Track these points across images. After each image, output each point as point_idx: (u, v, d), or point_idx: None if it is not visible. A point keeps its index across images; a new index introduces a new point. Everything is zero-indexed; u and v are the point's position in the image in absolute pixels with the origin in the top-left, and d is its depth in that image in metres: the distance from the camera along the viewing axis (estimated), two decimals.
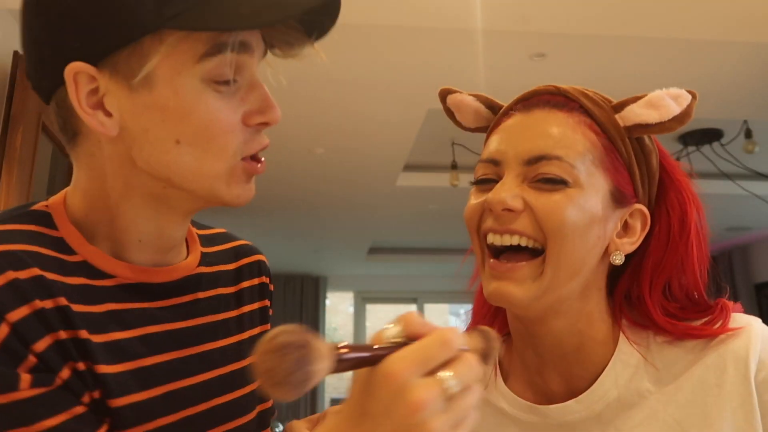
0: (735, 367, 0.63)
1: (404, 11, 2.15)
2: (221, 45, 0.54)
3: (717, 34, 2.30)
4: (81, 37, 0.54)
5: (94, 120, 0.56)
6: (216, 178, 0.58)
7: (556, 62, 2.51)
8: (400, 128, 3.23)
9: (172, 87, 0.55)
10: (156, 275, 0.63)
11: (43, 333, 0.51)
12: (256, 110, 0.59)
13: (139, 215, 0.60)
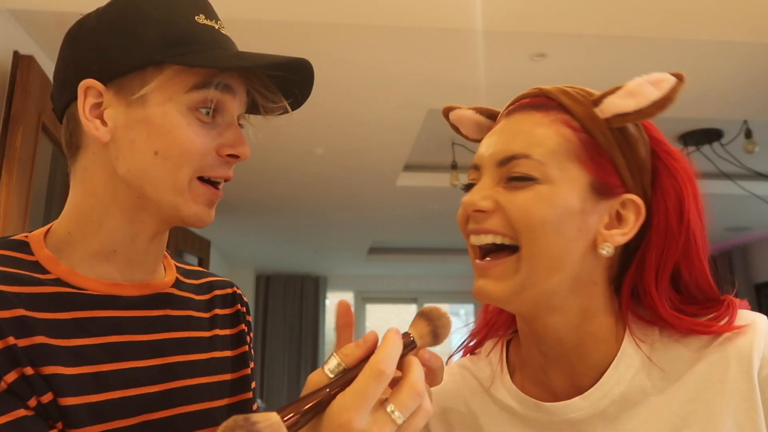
0: (738, 363, 0.63)
1: (404, 11, 2.15)
2: (207, 82, 0.67)
3: (717, 34, 2.30)
4: (100, 62, 0.67)
5: (92, 125, 0.67)
6: (179, 192, 0.67)
7: (556, 62, 2.51)
8: (400, 128, 3.23)
9: (161, 108, 0.66)
10: (127, 289, 0.70)
11: None
12: (229, 144, 0.69)
13: (117, 226, 0.69)
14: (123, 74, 0.66)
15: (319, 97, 0.76)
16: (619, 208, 0.65)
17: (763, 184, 4.03)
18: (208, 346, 0.76)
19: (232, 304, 0.85)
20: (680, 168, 0.67)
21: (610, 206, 0.65)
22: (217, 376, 0.76)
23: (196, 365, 0.73)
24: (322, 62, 2.44)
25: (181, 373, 0.71)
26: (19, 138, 1.98)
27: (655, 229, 0.66)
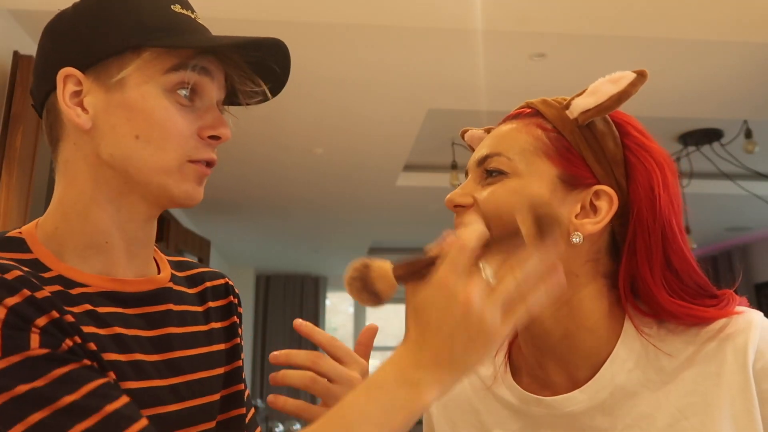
0: (734, 356, 0.64)
1: (404, 11, 2.15)
2: (184, 64, 0.67)
3: (717, 34, 2.30)
4: (78, 50, 0.67)
5: (72, 112, 0.67)
6: (167, 173, 0.67)
7: (556, 62, 2.51)
8: (400, 128, 3.23)
9: (140, 91, 0.67)
10: (128, 285, 0.70)
11: (39, 314, 0.57)
12: (209, 125, 0.70)
13: (105, 214, 0.69)
14: (101, 60, 0.67)
15: (319, 96, 0.77)
16: (593, 199, 0.68)
17: (763, 184, 4.03)
18: (206, 340, 0.77)
19: (225, 295, 0.84)
20: (649, 157, 0.69)
21: (581, 197, 0.68)
22: (216, 370, 0.76)
23: (197, 360, 0.74)
24: (323, 62, 2.44)
25: (186, 368, 0.71)
26: (19, 138, 1.99)
27: (636, 219, 0.68)
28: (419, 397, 0.55)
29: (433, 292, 0.56)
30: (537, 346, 0.72)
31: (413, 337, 0.57)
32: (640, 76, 0.67)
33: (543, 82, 2.66)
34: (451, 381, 0.56)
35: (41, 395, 0.53)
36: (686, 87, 2.77)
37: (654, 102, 2.85)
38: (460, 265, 0.55)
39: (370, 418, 0.55)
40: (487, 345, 0.55)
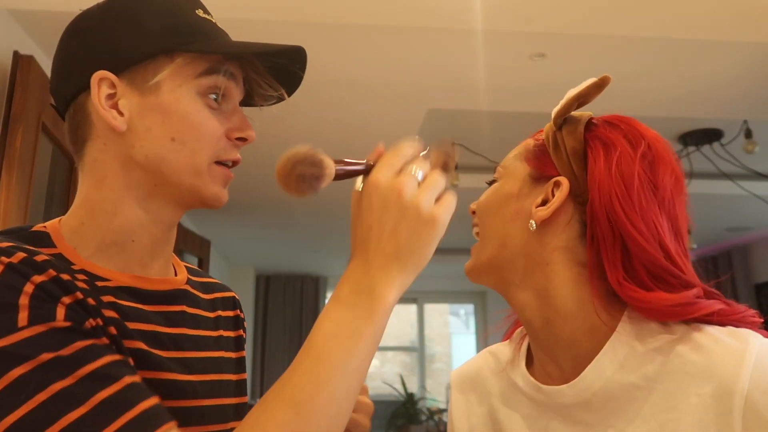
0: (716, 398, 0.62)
1: (404, 11, 2.15)
2: (216, 69, 0.70)
3: (717, 34, 2.30)
4: (110, 53, 0.68)
5: (109, 115, 0.67)
6: (197, 175, 0.69)
7: (556, 62, 2.51)
8: (400, 128, 3.23)
9: (174, 95, 0.68)
10: (148, 283, 0.71)
11: (65, 293, 0.58)
12: (236, 128, 0.72)
13: (133, 214, 0.70)
14: (135, 64, 0.68)
15: (319, 96, 0.78)
16: (553, 189, 0.73)
17: (763, 184, 4.03)
18: (215, 345, 0.78)
19: (233, 307, 0.86)
20: (598, 140, 0.73)
21: (544, 190, 0.74)
22: (225, 375, 0.77)
23: (207, 362, 0.75)
24: (323, 62, 2.44)
25: (198, 368, 0.73)
26: (19, 138, 1.99)
27: (589, 205, 0.71)
28: (378, 302, 0.58)
29: (368, 193, 0.62)
30: (530, 336, 0.77)
31: (358, 247, 0.62)
32: (600, 80, 0.73)
33: (543, 82, 2.66)
34: (405, 276, 0.60)
35: (65, 364, 0.54)
36: (686, 87, 2.77)
37: (654, 102, 2.85)
38: (392, 166, 0.61)
39: (339, 336, 0.57)
40: (431, 230, 0.60)
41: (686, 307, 0.66)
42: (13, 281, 0.56)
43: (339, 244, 6.14)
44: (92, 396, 0.53)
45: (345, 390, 0.56)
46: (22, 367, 0.52)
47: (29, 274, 0.57)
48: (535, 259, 0.73)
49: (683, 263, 0.69)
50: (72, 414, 0.51)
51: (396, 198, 0.60)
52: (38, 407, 0.51)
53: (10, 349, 0.52)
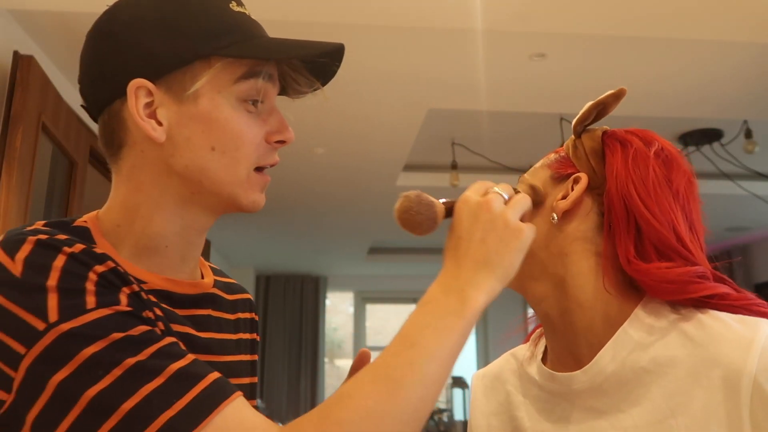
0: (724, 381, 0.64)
1: (404, 11, 2.15)
2: (254, 72, 0.68)
3: (717, 34, 2.30)
4: (146, 59, 0.66)
5: (148, 126, 0.66)
6: (237, 183, 0.69)
7: (556, 62, 2.51)
8: (400, 128, 3.23)
9: (213, 103, 0.66)
10: (179, 286, 0.71)
11: (124, 284, 0.61)
12: (275, 130, 0.71)
13: (168, 220, 0.69)
14: (171, 71, 0.66)
15: (319, 96, 0.77)
16: (573, 185, 0.77)
17: (763, 184, 4.03)
18: (235, 349, 0.78)
19: (250, 310, 0.86)
20: (617, 142, 0.77)
21: (564, 186, 0.78)
22: (242, 379, 0.78)
23: (229, 367, 0.75)
24: None
25: (224, 373, 0.72)
26: (19, 138, 1.98)
27: (606, 195, 0.75)
28: (468, 302, 0.63)
29: (459, 210, 0.68)
30: (546, 329, 0.80)
31: (449, 254, 0.67)
32: (617, 91, 0.77)
33: (543, 82, 2.66)
34: (493, 281, 0.65)
35: (134, 342, 0.55)
36: (686, 87, 2.77)
37: (654, 102, 2.85)
38: (480, 188, 0.70)
39: (429, 326, 0.61)
40: (517, 240, 0.66)
41: (689, 285, 0.69)
42: (76, 269, 0.57)
43: (339, 244, 6.14)
44: (165, 368, 0.55)
45: (435, 375, 0.59)
46: (95, 346, 0.54)
47: (90, 264, 0.59)
48: (555, 250, 0.76)
49: (695, 249, 0.73)
50: (149, 385, 0.53)
51: (485, 211, 0.66)
52: (116, 381, 0.53)
53: (82, 329, 0.54)
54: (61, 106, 2.32)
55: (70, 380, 0.53)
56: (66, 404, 0.53)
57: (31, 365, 0.53)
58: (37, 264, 0.57)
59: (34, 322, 0.54)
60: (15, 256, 0.57)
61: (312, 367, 7.15)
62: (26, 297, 0.55)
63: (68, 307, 0.55)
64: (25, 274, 0.56)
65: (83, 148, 2.59)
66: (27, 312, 0.54)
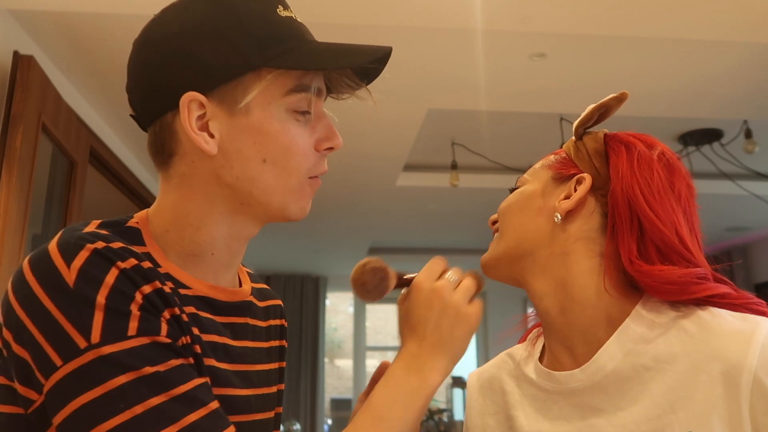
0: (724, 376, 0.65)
1: (404, 11, 2.15)
2: (304, 86, 0.68)
3: (717, 34, 2.30)
4: (197, 72, 0.66)
5: (200, 139, 0.66)
6: (289, 193, 0.70)
7: (556, 62, 2.51)
8: (400, 128, 3.23)
9: (264, 115, 0.67)
10: (222, 293, 0.72)
11: (166, 306, 0.62)
12: (324, 138, 0.71)
13: (216, 229, 0.70)
14: (223, 83, 0.66)
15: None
16: (576, 186, 0.78)
17: (763, 184, 4.03)
18: (267, 357, 0.79)
19: (280, 316, 0.87)
20: (621, 144, 0.78)
21: (567, 187, 0.79)
22: (272, 387, 0.79)
23: (262, 375, 0.76)
24: None
25: (255, 382, 0.74)
26: (19, 138, 1.99)
27: (610, 194, 0.76)
28: (427, 380, 0.69)
29: (414, 296, 0.73)
30: (545, 326, 0.81)
31: (408, 336, 0.73)
32: (620, 94, 0.79)
33: (543, 82, 2.66)
34: (447, 362, 0.71)
35: (163, 380, 0.57)
36: (686, 87, 2.77)
37: (654, 102, 2.85)
38: (433, 273, 0.74)
39: (396, 403, 0.67)
40: (468, 325, 0.72)
41: (690, 286, 0.70)
42: (126, 288, 0.59)
43: (339, 244, 6.14)
44: (183, 417, 0.56)
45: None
46: (126, 376, 0.55)
47: (139, 284, 0.60)
48: (557, 249, 0.77)
49: (696, 250, 0.73)
50: (166, 430, 0.55)
51: (438, 299, 0.71)
52: (134, 418, 0.54)
53: (119, 355, 0.56)
54: (61, 106, 2.32)
55: (93, 405, 0.55)
56: (84, 425, 0.55)
57: (62, 379, 0.55)
58: (90, 276, 0.58)
59: (76, 338, 0.55)
60: (71, 264, 0.58)
61: (312, 367, 7.15)
62: (75, 310, 0.56)
63: (111, 330, 0.56)
64: (78, 284, 0.57)
65: (83, 148, 2.59)
66: (72, 326, 0.56)
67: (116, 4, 2.01)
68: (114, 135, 3.17)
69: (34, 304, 0.57)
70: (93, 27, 2.20)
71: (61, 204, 2.47)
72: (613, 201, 0.75)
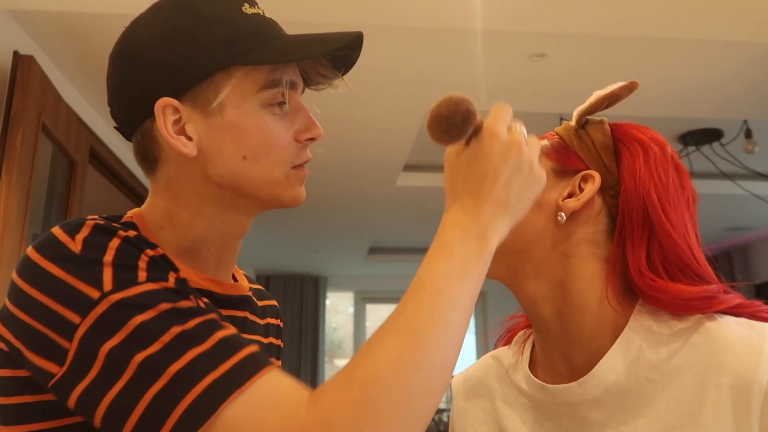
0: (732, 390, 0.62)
1: (404, 11, 2.15)
2: (276, 80, 0.68)
3: (717, 34, 2.30)
4: (169, 77, 0.67)
5: (179, 143, 0.67)
6: (276, 184, 0.70)
7: (556, 62, 2.51)
8: (400, 128, 3.23)
9: (239, 111, 0.67)
10: (221, 286, 0.72)
11: (171, 270, 0.62)
12: (303, 129, 0.72)
13: (209, 225, 0.71)
14: (194, 85, 0.67)
15: (319, 96, 0.77)
16: (581, 183, 0.73)
17: (763, 184, 4.03)
18: (266, 354, 0.78)
19: (276, 316, 0.87)
20: (634, 141, 0.74)
21: (571, 183, 0.73)
22: None
23: None
24: None
25: None
26: (19, 138, 1.98)
27: (622, 196, 0.71)
28: (487, 246, 0.61)
29: (488, 145, 0.63)
30: (539, 332, 0.76)
31: (465, 193, 0.63)
32: (630, 83, 0.74)
33: (543, 82, 2.66)
34: (507, 226, 0.63)
35: (182, 313, 0.57)
36: (686, 87, 2.77)
37: (654, 102, 2.85)
38: (505, 118, 0.64)
39: (452, 274, 0.59)
40: (536, 188, 0.65)
41: (706, 301, 0.66)
42: (130, 250, 0.60)
43: (339, 244, 6.14)
44: (210, 335, 0.56)
45: (459, 322, 0.57)
46: (145, 315, 0.56)
47: (143, 247, 0.61)
48: (556, 250, 0.72)
49: (704, 263, 0.70)
50: (195, 350, 0.55)
51: (517, 152, 0.63)
52: (164, 347, 0.55)
53: (134, 299, 0.57)
54: (61, 106, 2.32)
55: (121, 347, 0.54)
56: (116, 371, 0.54)
57: (84, 335, 0.55)
58: (95, 243, 0.59)
59: (89, 291, 0.56)
60: (75, 237, 0.60)
61: (312, 367, 7.15)
62: (84, 270, 0.57)
63: (121, 279, 0.57)
64: (84, 251, 0.59)
65: (83, 148, 2.59)
66: (83, 283, 0.57)
67: (116, 4, 2.01)
68: (114, 135, 3.17)
69: (43, 275, 0.58)
70: (93, 27, 2.20)
71: (61, 204, 2.47)
72: (627, 205, 0.70)
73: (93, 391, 0.55)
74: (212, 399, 0.52)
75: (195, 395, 0.53)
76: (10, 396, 0.61)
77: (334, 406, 0.52)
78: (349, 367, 0.55)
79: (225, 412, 0.52)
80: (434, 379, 0.54)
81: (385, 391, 0.52)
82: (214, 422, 0.52)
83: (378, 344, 0.55)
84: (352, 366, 0.54)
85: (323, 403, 0.52)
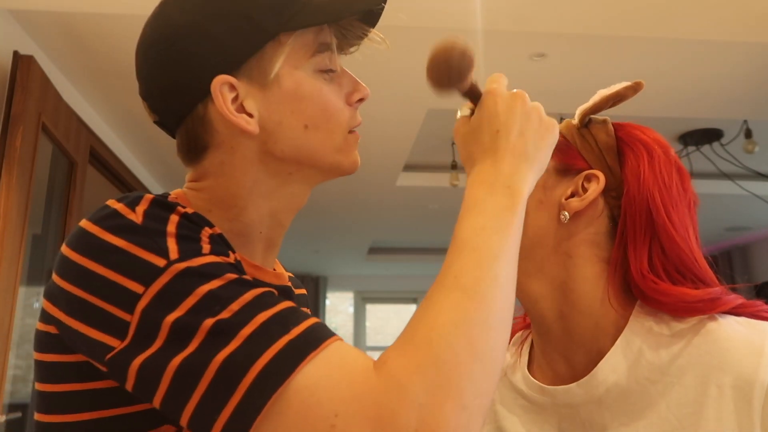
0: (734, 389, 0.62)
1: (404, 11, 2.15)
2: (326, 43, 0.68)
3: (717, 34, 2.30)
4: (218, 54, 0.64)
5: (241, 121, 0.65)
6: (337, 151, 0.69)
7: (556, 62, 2.51)
8: (400, 128, 3.23)
9: (294, 80, 0.66)
10: (266, 275, 0.71)
11: (229, 248, 0.61)
12: (352, 90, 0.71)
13: (265, 206, 0.69)
14: (246, 59, 0.64)
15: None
16: (584, 182, 0.73)
17: (763, 184, 4.03)
18: None
19: (307, 305, 0.86)
20: (638, 142, 0.74)
21: (573, 182, 0.73)
22: None
23: None
24: None
25: None
26: (19, 138, 1.99)
27: (625, 197, 0.71)
28: (516, 196, 0.60)
29: (491, 103, 0.64)
30: (539, 333, 0.75)
31: (481, 155, 0.63)
32: (635, 84, 0.74)
33: (543, 82, 2.66)
34: (532, 175, 0.62)
35: (247, 283, 0.56)
36: (686, 87, 2.77)
37: (654, 102, 2.85)
38: (502, 80, 0.66)
39: (489, 228, 0.58)
40: (551, 135, 0.65)
41: (709, 303, 0.66)
42: (191, 225, 0.59)
43: (339, 244, 6.14)
44: (279, 303, 0.55)
45: (506, 275, 0.56)
46: (212, 284, 0.54)
47: (202, 224, 0.60)
48: (559, 250, 0.72)
49: (705, 266, 0.70)
50: (265, 313, 0.53)
51: (521, 102, 0.64)
52: (234, 313, 0.53)
53: (200, 269, 0.55)
54: (61, 106, 2.32)
55: (187, 316, 0.52)
56: (183, 339, 0.51)
57: (147, 306, 0.52)
58: (156, 215, 0.57)
59: (154, 260, 0.54)
60: (135, 209, 0.57)
61: None
62: (148, 239, 0.55)
63: (187, 249, 0.55)
64: (146, 222, 0.56)
65: (83, 148, 2.59)
66: (148, 252, 0.54)
67: (116, 4, 2.01)
68: (114, 135, 3.17)
69: (103, 247, 0.55)
70: (93, 27, 2.20)
71: (61, 204, 2.47)
72: (630, 207, 0.70)
73: (157, 359, 0.51)
74: (287, 361, 0.51)
75: (270, 356, 0.50)
76: (56, 383, 0.58)
77: (402, 370, 0.51)
78: (408, 332, 0.53)
79: (297, 377, 0.50)
80: (494, 332, 0.53)
81: (450, 349, 0.51)
82: (287, 387, 0.50)
83: (431, 306, 0.54)
84: (411, 331, 0.53)
85: (390, 367, 0.51)
